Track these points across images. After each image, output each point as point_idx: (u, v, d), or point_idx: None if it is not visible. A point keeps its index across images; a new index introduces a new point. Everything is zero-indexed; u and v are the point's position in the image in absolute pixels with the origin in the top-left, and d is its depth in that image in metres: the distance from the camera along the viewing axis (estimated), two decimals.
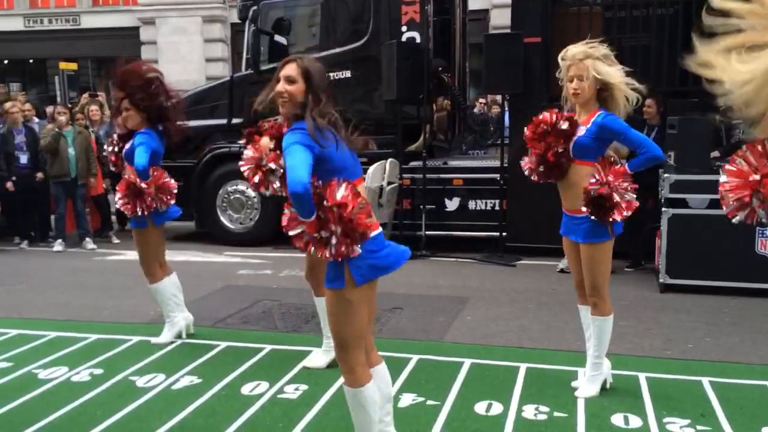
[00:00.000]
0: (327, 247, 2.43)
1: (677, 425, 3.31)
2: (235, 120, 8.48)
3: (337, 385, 3.85)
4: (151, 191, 4.41)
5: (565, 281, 6.46)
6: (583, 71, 3.43)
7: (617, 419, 3.39)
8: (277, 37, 8.52)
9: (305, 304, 5.59)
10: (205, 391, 3.80)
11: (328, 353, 4.12)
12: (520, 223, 7.42)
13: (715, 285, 5.87)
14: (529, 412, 3.47)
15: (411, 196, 8.09)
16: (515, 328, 5.03)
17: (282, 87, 2.57)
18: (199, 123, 8.12)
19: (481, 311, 5.46)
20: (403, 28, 7.99)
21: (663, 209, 5.99)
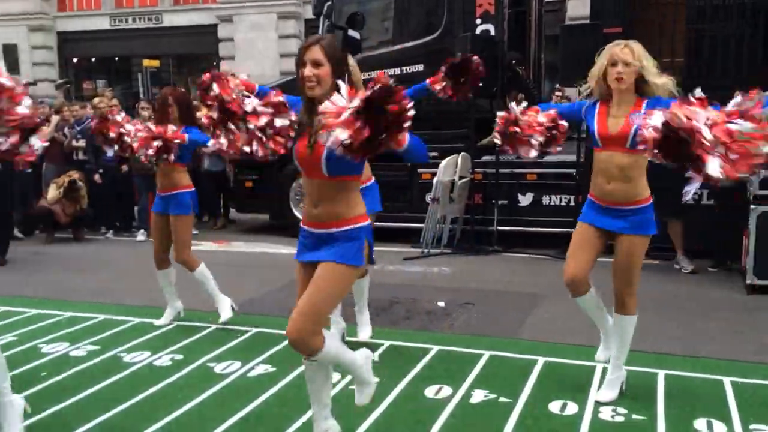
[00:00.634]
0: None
1: None
2: None
3: (409, 378, 3.86)
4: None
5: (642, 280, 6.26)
6: (629, 57, 3.26)
7: (700, 424, 3.25)
8: (350, 32, 8.58)
9: (375, 298, 5.62)
10: (278, 379, 3.87)
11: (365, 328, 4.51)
12: None
13: None
14: (606, 414, 3.37)
15: (483, 191, 8.00)
16: (590, 326, 4.89)
17: (309, 71, 2.56)
18: None
19: (555, 308, 5.34)
20: (477, 21, 7.90)
21: (751, 206, 5.69)
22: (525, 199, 7.84)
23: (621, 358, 3.55)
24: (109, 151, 8.41)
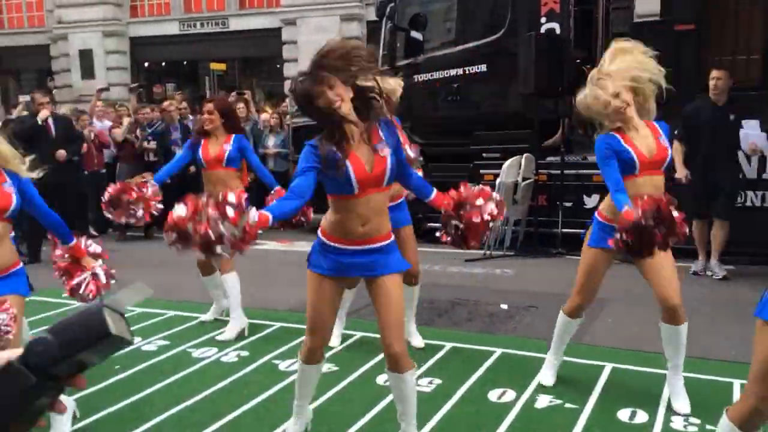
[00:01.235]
0: None
1: None
2: None
3: (472, 380, 3.83)
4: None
5: (711, 285, 6.02)
6: (619, 86, 3.42)
7: None
8: (413, 33, 8.59)
9: (437, 299, 5.61)
10: (342, 378, 3.90)
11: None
12: None
13: None
14: (678, 423, 3.26)
15: (547, 193, 7.87)
16: (657, 333, 4.74)
17: (332, 95, 2.64)
18: None
19: (622, 313, 5.20)
20: (542, 20, 7.77)
21: None
22: (591, 201, 7.65)
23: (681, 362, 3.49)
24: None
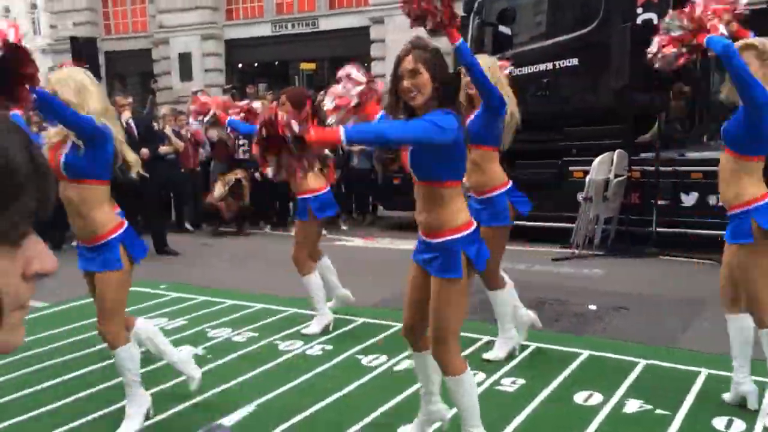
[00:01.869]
0: None
1: None
2: None
3: (557, 382, 3.74)
4: None
5: None
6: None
7: None
8: (501, 28, 8.46)
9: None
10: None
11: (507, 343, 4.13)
12: None
13: None
14: None
15: (641, 190, 7.56)
16: (757, 339, 4.45)
17: (408, 83, 2.55)
18: None
19: (719, 317, 4.91)
20: (639, 10, 7.47)
21: None
22: (689, 199, 7.31)
23: None
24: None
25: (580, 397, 3.55)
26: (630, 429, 3.17)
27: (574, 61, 7.81)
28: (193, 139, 9.73)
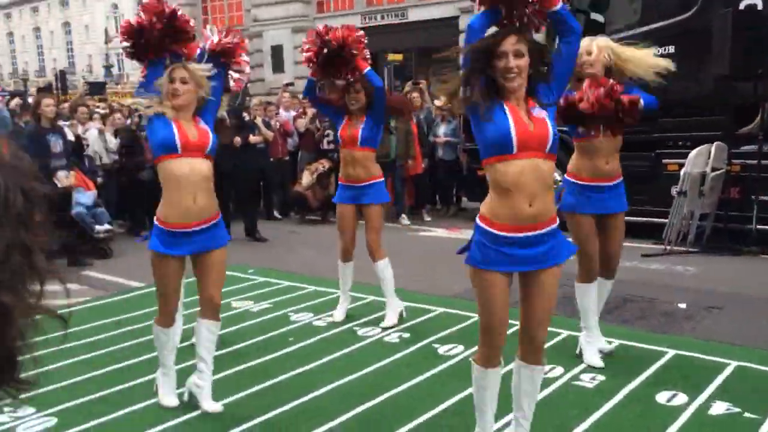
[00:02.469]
0: None
1: None
2: None
3: (638, 380, 3.62)
4: None
5: None
6: None
7: None
8: (593, 15, 8.19)
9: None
10: None
11: None
12: None
13: None
14: None
15: (741, 185, 7.15)
16: None
17: (513, 62, 2.45)
18: None
19: None
20: None
21: None
22: None
23: None
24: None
25: (662, 396, 3.42)
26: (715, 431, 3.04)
27: (671, 48, 7.45)
28: (282, 129, 10.00)
